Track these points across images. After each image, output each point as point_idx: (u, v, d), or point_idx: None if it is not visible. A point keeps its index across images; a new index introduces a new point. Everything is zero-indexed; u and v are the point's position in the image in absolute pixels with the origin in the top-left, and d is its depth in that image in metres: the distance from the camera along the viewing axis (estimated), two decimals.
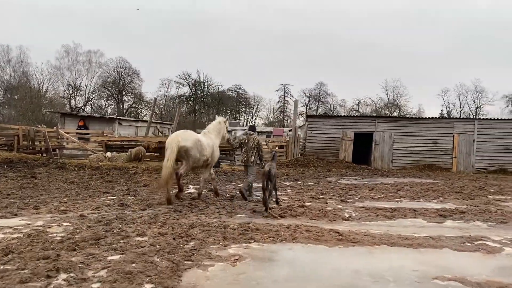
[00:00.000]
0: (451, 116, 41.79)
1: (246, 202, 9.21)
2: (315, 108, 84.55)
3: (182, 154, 9.03)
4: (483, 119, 24.63)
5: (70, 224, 6.60)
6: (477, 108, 70.42)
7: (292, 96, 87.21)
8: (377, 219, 8.14)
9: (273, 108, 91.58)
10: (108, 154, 18.09)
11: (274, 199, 8.97)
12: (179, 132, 9.45)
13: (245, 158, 10.51)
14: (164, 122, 37.59)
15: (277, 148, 23.95)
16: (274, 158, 9.62)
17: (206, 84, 79.40)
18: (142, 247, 5.45)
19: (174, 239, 5.89)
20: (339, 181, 14.81)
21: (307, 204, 9.25)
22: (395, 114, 64.13)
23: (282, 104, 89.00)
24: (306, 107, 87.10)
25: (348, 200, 10.14)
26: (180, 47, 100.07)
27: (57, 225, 6.52)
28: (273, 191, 8.80)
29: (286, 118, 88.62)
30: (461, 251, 5.93)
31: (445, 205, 9.99)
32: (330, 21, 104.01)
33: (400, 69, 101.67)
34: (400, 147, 22.92)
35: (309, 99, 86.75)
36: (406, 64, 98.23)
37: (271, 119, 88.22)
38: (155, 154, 19.85)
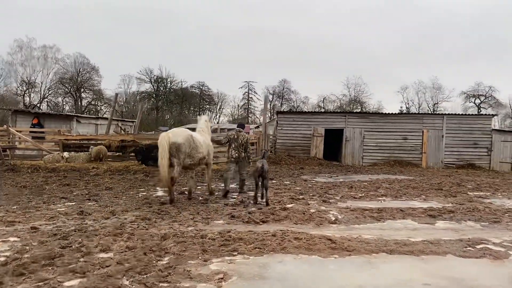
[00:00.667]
0: (420, 112, 42.38)
1: (223, 206, 8.43)
2: (279, 105, 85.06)
3: (173, 151, 8.73)
4: (452, 114, 24.89)
5: (19, 239, 5.60)
6: (434, 104, 72.98)
7: (256, 93, 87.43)
8: (365, 221, 7.59)
9: (238, 105, 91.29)
10: (66, 154, 16.76)
11: (264, 200, 8.79)
12: (170, 130, 9.43)
13: (236, 155, 10.56)
14: (126, 120, 36.03)
15: None
16: (265, 156, 10.10)
17: (169, 80, 77.64)
18: (107, 266, 4.59)
19: (145, 254, 5.05)
20: (315, 179, 14.27)
21: (288, 206, 8.58)
22: (358, 110, 65.08)
23: (247, 101, 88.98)
24: (270, 104, 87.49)
25: (330, 201, 9.57)
26: (141, 43, 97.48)
27: (1, 241, 5.51)
28: (267, 187, 8.99)
29: (250, 115, 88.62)
30: (466, 257, 5.43)
31: (430, 203, 9.62)
32: (292, 18, 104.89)
33: (360, 66, 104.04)
34: (371, 143, 22.76)
35: (273, 96, 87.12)
36: (366, 62, 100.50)
37: (236, 116, 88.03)
38: (117, 154, 18.66)
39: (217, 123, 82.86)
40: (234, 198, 9.58)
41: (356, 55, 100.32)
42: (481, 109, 69.32)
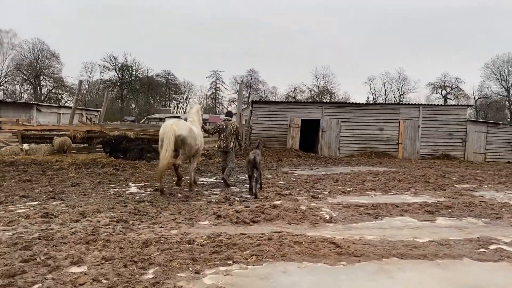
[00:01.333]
0: (397, 102, 42.78)
1: (206, 204, 7.72)
2: (247, 95, 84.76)
3: (179, 143, 8.97)
4: (428, 105, 24.96)
5: None
6: (400, 95, 74.59)
7: (223, 83, 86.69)
8: (362, 219, 7.09)
9: (206, 94, 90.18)
10: (25, 146, 15.49)
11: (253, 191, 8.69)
12: (172, 121, 9.27)
13: (224, 144, 10.47)
14: (91, 109, 34.36)
15: None
16: (259, 146, 10.14)
17: (134, 68, 75.26)
18: (81, 285, 3.83)
19: (125, 266, 4.32)
20: (296, 172, 13.76)
21: (277, 203, 7.97)
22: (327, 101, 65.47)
23: (214, 91, 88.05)
24: (238, 94, 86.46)
25: (319, 196, 9.03)
26: (105, 30, 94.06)
27: None
28: (259, 179, 9.10)
29: (218, 105, 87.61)
30: (484, 261, 4.99)
31: (422, 198, 9.26)
32: (259, 8, 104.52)
33: (328, 57, 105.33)
34: (347, 134, 22.51)
35: (240, 86, 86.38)
36: (333, 53, 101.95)
37: (203, 106, 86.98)
38: (83, 145, 17.50)
39: (184, 113, 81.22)
40: (217, 194, 8.88)
41: (323, 46, 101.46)
42: (447, 100, 71.11)
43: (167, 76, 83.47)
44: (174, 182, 10.10)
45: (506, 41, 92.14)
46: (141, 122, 53.41)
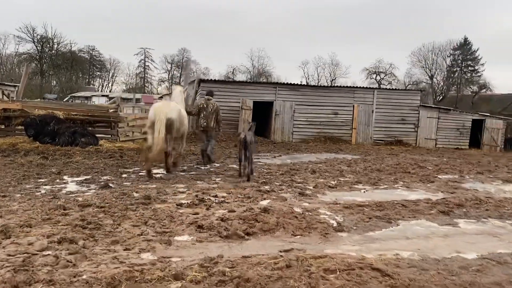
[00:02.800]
0: (352, 86, 42.64)
1: (176, 209, 5.98)
2: (178, 75, 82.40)
3: (168, 126, 8.79)
4: (382, 89, 24.68)
5: None
6: (332, 80, 76.42)
7: (153, 61, 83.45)
8: (376, 225, 5.82)
9: (136, 73, 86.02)
10: None
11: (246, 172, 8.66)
12: (162, 104, 9.44)
13: (205, 123, 10.55)
14: (7, 84, 30.16)
15: None
16: (252, 129, 9.80)
17: (55, 41, 68.98)
18: None
19: None
20: (260, 160, 12.32)
21: (263, 203, 6.48)
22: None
23: (143, 69, 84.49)
24: (169, 74, 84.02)
25: (306, 192, 7.66)
26: None
27: None
28: (251, 159, 8.82)
29: (147, 85, 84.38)
30: None
31: (419, 193, 8.26)
32: None
33: (262, 40, 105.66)
34: (301, 118, 21.46)
35: (171, 66, 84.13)
36: (266, 36, 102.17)
37: (131, 85, 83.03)
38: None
39: (109, 91, 76.72)
40: (184, 192, 7.16)
41: (255, 29, 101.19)
42: (381, 85, 73.53)
43: (91, 51, 78.06)
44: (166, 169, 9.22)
45: (432, 30, 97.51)
46: (64, 100, 48.88)
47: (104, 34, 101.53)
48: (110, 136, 13.96)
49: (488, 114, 24.85)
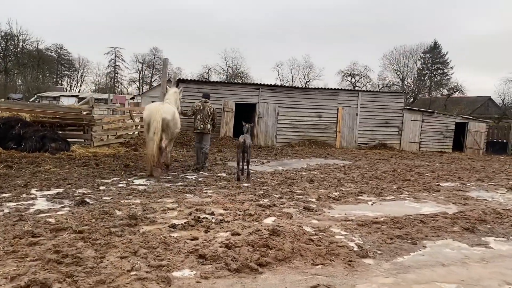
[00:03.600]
0: (336, 88, 42.41)
1: (169, 231, 5.08)
2: (150, 75, 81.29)
3: (164, 126, 9.00)
4: (366, 91, 24.24)
5: None
6: (306, 82, 76.82)
7: (124, 60, 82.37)
8: (401, 247, 5.10)
9: (106, 73, 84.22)
10: None
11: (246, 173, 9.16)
12: (156, 104, 9.52)
13: (201, 126, 10.47)
14: None
15: (138, 119, 19.20)
16: (249, 131, 10.03)
17: (21, 38, 66.24)
18: None
19: None
20: (250, 167, 11.48)
21: (268, 222, 5.67)
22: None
23: (113, 69, 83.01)
24: (140, 74, 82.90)
25: (311, 206, 6.87)
26: None
27: None
28: (248, 161, 9.17)
29: (117, 85, 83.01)
30: None
31: (431, 205, 7.61)
32: None
33: (237, 41, 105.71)
34: (285, 120, 20.73)
35: (142, 65, 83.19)
36: (242, 37, 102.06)
37: (101, 85, 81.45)
38: None
39: (78, 91, 74.56)
40: (174, 209, 6.24)
41: (231, 29, 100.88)
42: (355, 88, 73.90)
43: (59, 50, 75.98)
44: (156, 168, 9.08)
45: (405, 34, 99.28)
46: (30, 101, 46.66)
47: (73, 32, 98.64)
48: (83, 140, 12.80)
49: (471, 117, 24.83)
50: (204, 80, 20.15)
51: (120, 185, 7.85)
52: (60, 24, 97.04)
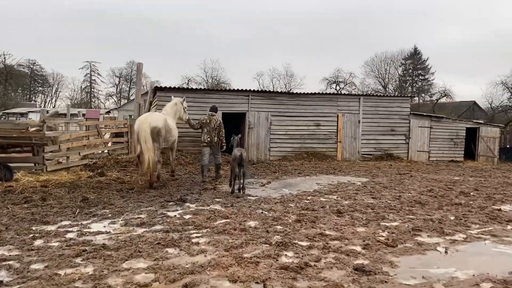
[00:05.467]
0: (335, 92, 40.46)
1: None
2: (127, 89, 79.70)
3: (154, 135, 9.01)
4: (368, 95, 22.03)
5: None
6: (288, 91, 76.17)
7: (100, 75, 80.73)
8: None
9: (81, 87, 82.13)
10: None
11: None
12: (146, 115, 9.59)
13: (209, 139, 10.79)
14: None
15: (109, 135, 16.57)
16: (238, 144, 9.72)
17: None
18: None
19: None
20: (249, 190, 9.04)
21: None
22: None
23: (89, 84, 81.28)
24: (117, 88, 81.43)
25: (364, 264, 4.47)
26: None
27: None
28: (246, 174, 9.11)
29: (93, 100, 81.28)
30: None
31: None
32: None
33: (215, 52, 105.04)
34: (279, 131, 18.35)
35: (119, 79, 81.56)
36: (218, 49, 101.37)
37: (77, 100, 79.42)
38: None
39: (53, 107, 71.69)
40: (148, 286, 3.76)
41: (210, 41, 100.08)
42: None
43: (31, 66, 73.69)
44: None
45: (385, 40, 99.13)
46: None
47: (46, 47, 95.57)
48: (33, 165, 10.15)
49: (483, 122, 22.95)
50: (185, 87, 17.61)
51: (68, 236, 5.31)
52: (32, 39, 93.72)
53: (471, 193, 9.36)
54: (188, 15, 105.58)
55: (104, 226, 5.83)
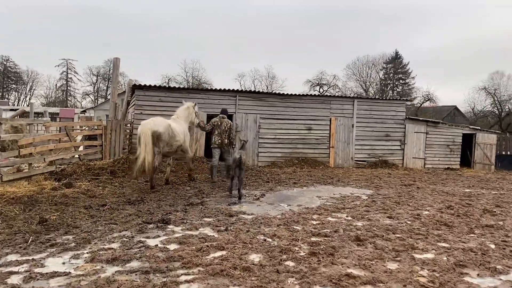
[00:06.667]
0: (328, 94, 39.44)
1: None
2: (105, 88, 78.06)
3: (155, 139, 9.17)
4: (363, 98, 21.09)
5: None
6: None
7: (76, 73, 78.56)
8: None
9: (56, 85, 79.86)
10: None
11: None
12: (150, 119, 9.67)
13: (219, 141, 11.27)
14: None
15: (81, 138, 15.06)
16: (243, 147, 10.09)
17: None
18: None
19: None
20: (242, 210, 7.78)
21: None
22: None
23: (65, 82, 79.24)
24: (94, 87, 79.63)
25: None
26: None
27: None
28: (243, 180, 9.22)
29: (70, 98, 79.31)
30: None
31: None
32: None
33: (196, 53, 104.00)
34: (268, 134, 17.17)
35: (97, 78, 79.70)
36: (201, 48, 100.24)
37: (52, 98, 77.17)
38: None
39: (27, 105, 69.19)
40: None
41: (190, 41, 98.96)
42: None
43: (4, 62, 71.38)
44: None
45: (367, 44, 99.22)
46: None
47: (21, 44, 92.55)
48: None
49: (479, 128, 22.18)
50: (166, 86, 16.25)
51: (10, 280, 3.97)
52: (5, 35, 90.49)
53: (495, 210, 8.32)
54: (171, 15, 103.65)
55: (64, 263, 4.50)
